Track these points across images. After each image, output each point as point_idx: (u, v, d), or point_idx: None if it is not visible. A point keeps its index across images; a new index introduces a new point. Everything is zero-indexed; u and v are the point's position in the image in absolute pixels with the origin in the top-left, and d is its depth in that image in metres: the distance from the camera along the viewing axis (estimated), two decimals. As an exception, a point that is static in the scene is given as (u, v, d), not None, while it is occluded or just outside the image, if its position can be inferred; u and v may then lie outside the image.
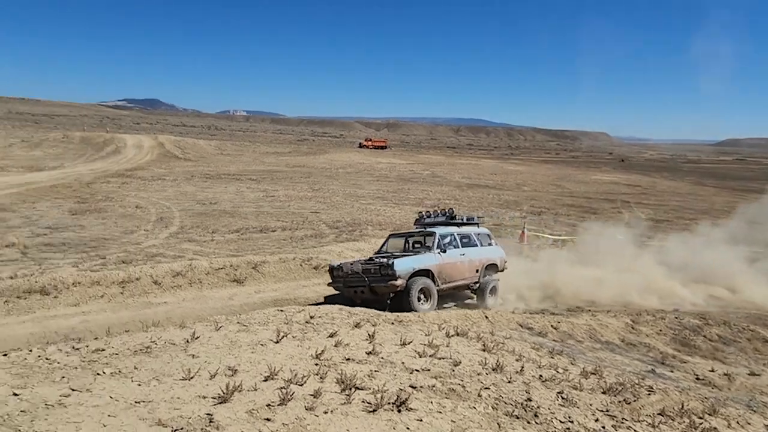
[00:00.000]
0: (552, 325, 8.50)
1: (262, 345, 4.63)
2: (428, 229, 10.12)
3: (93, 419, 2.96)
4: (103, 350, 4.15)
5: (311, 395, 3.52)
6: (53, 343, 4.62)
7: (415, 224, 11.17)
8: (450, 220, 10.53)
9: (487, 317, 8.39)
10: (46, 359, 3.86)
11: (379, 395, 3.56)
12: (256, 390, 3.54)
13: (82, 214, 16.37)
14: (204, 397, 3.38)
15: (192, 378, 3.67)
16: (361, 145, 76.80)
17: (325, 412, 3.30)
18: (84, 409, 3.07)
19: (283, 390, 3.49)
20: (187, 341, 4.53)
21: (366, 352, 4.74)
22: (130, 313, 8.52)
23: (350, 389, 3.67)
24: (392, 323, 6.36)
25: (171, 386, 3.54)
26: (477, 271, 10.02)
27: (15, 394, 3.21)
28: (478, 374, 4.48)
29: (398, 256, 9.00)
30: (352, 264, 8.91)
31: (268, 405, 3.32)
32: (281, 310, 6.48)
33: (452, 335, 5.83)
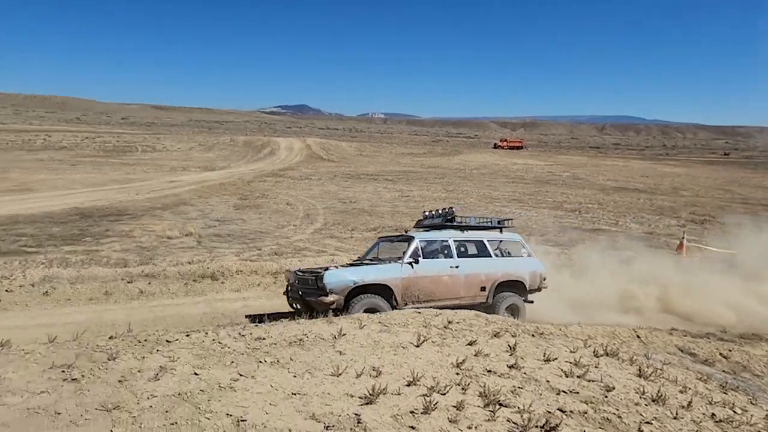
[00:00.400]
0: (721, 353, 7.43)
1: (403, 348, 4.71)
2: (408, 233, 8.55)
3: (257, 405, 3.26)
4: (264, 339, 4.56)
5: (454, 407, 3.47)
6: (223, 327, 5.21)
7: (415, 226, 9.47)
8: (447, 222, 8.55)
9: (639, 337, 7.61)
10: (219, 343, 4.36)
11: (525, 416, 3.39)
12: (399, 394, 3.60)
13: (243, 210, 18.41)
14: (351, 396, 3.53)
15: (340, 375, 3.86)
16: (495, 146, 75.05)
17: (469, 428, 3.23)
18: (250, 395, 3.39)
19: (426, 398, 3.50)
20: (335, 337, 4.79)
21: (507, 365, 4.57)
22: (282, 302, 9.34)
23: (494, 405, 3.55)
24: (533, 335, 6.05)
25: (322, 381, 3.76)
26: (483, 288, 8.09)
27: (195, 374, 3.67)
28: (636, 404, 4.04)
29: (343, 266, 7.82)
30: (292, 272, 7.97)
31: (412, 412, 3.35)
32: (419, 312, 6.55)
33: (601, 355, 5.36)
